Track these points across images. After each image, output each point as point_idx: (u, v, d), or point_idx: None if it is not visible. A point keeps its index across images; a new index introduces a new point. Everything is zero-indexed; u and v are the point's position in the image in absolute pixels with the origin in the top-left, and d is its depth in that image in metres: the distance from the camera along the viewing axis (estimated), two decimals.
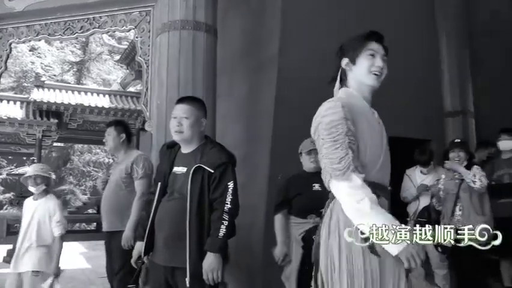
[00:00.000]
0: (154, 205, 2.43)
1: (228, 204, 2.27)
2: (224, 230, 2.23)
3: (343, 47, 1.86)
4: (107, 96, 13.03)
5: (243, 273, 4.19)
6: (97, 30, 4.21)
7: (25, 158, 16.86)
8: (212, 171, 2.30)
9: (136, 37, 4.06)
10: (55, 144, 15.14)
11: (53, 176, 3.95)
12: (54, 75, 21.85)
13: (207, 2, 3.73)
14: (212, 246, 2.24)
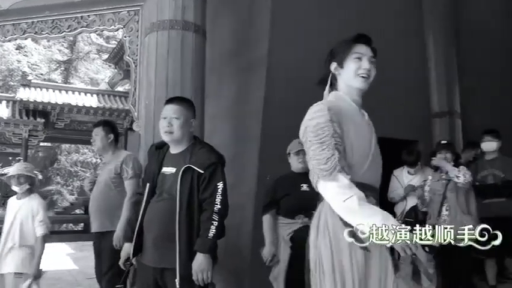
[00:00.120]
0: (143, 206, 2.42)
1: (218, 204, 2.27)
2: (214, 231, 2.24)
3: (332, 51, 1.88)
4: (95, 95, 12.87)
5: (231, 273, 4.19)
6: (85, 29, 4.17)
7: (11, 158, 16.58)
8: (202, 171, 2.30)
9: (125, 36, 4.03)
10: (42, 144, 14.99)
11: (40, 176, 3.90)
12: (41, 74, 21.59)
13: (196, 2, 3.72)
14: (202, 246, 2.24)
